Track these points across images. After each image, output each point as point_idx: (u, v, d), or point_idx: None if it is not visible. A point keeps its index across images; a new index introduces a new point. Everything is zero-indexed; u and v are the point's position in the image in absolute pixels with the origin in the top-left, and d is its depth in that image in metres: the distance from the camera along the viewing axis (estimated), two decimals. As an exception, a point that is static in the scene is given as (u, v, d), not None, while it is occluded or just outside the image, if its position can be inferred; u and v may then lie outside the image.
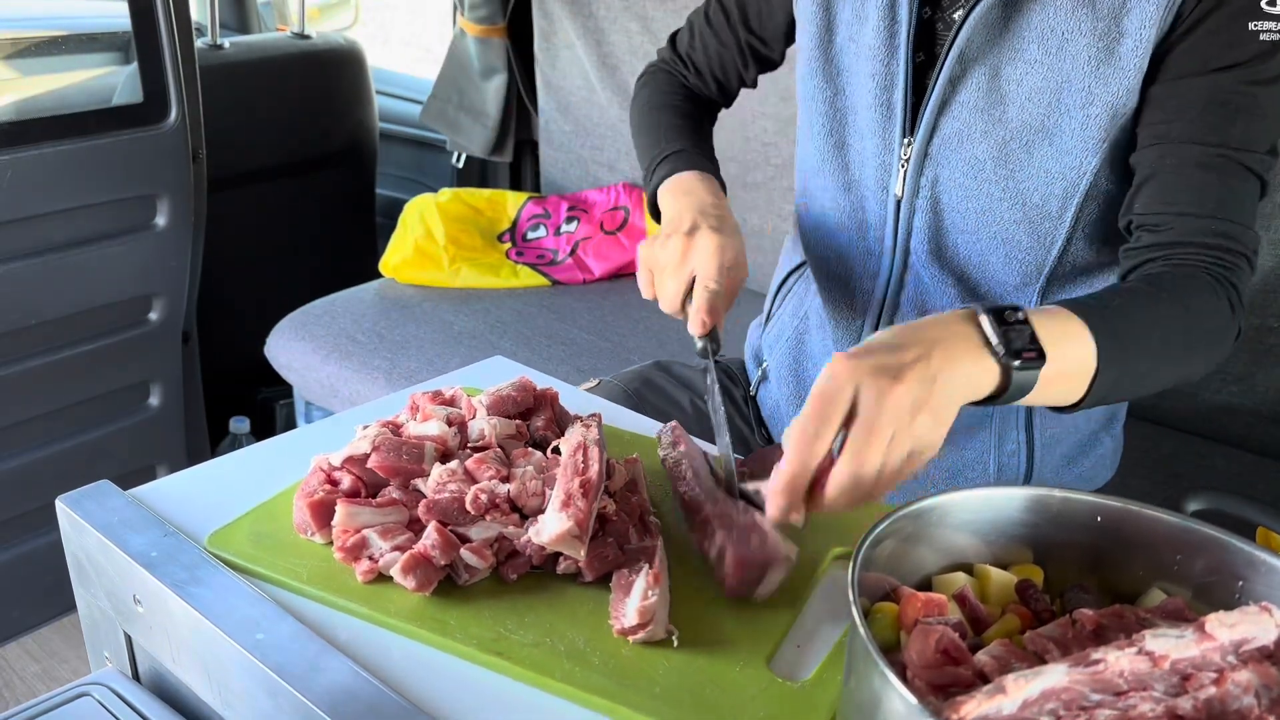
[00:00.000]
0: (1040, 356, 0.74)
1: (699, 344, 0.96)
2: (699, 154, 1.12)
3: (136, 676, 0.86)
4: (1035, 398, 0.77)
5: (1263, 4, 0.90)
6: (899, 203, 1.06)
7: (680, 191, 1.06)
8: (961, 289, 1.07)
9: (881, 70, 1.04)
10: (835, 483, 0.69)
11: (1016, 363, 0.73)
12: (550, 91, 2.46)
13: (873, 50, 1.04)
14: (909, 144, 1.04)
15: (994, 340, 0.73)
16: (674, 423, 0.92)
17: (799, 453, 0.68)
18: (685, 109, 1.21)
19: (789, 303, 1.26)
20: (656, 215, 1.10)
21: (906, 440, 0.69)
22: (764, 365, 1.28)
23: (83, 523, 0.80)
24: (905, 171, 1.05)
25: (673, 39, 1.29)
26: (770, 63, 1.24)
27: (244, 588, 0.74)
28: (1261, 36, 0.90)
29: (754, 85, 1.27)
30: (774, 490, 0.70)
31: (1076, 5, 0.93)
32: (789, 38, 1.20)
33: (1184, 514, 0.67)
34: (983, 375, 0.73)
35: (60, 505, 0.82)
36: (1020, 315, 0.75)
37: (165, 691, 0.84)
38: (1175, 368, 0.88)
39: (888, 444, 0.68)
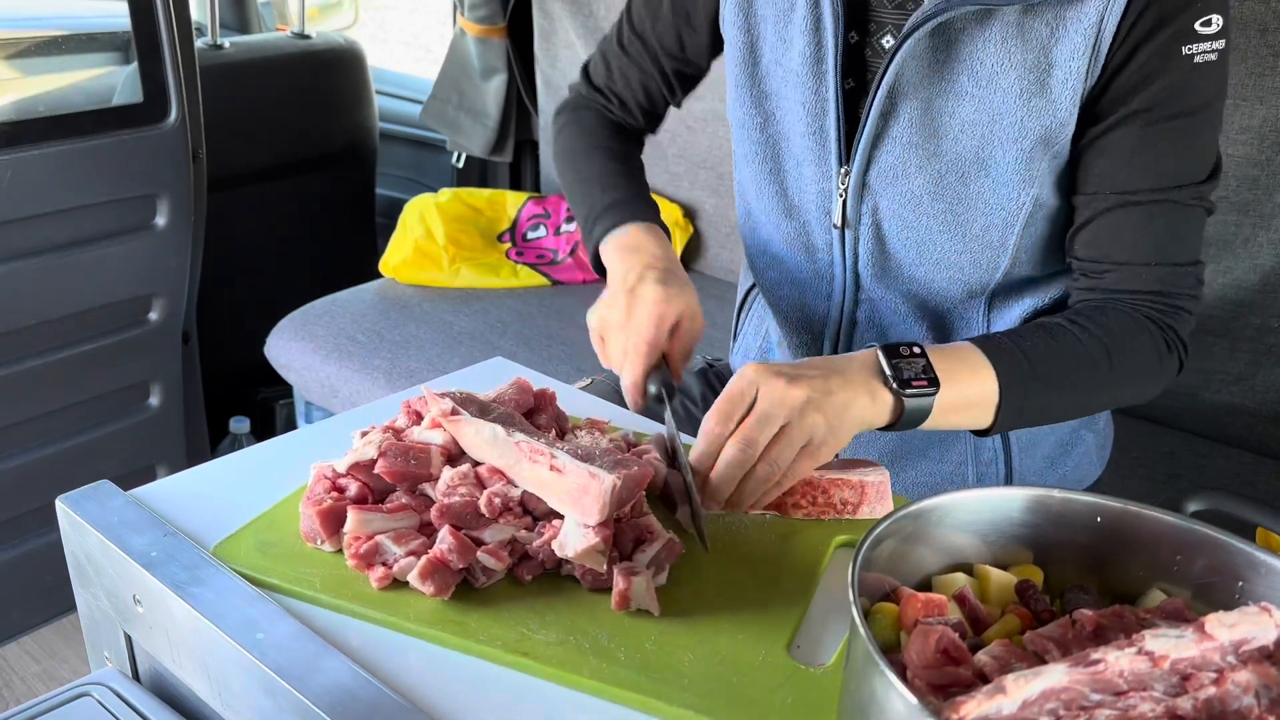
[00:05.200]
0: (933, 384, 0.84)
1: (651, 390, 0.93)
2: (640, 202, 1.07)
3: (136, 676, 0.86)
4: (939, 422, 0.87)
5: (1196, 25, 0.90)
6: (842, 230, 1.05)
7: (625, 248, 1.01)
8: (912, 306, 1.08)
9: (811, 98, 1.02)
10: (723, 457, 0.80)
11: (908, 391, 0.84)
12: (550, 91, 2.46)
13: (800, 76, 1.02)
14: (846, 173, 1.02)
15: (886, 371, 0.84)
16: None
17: (704, 440, 0.81)
18: (616, 149, 1.15)
19: (750, 322, 1.26)
20: (601, 271, 1.05)
21: (799, 433, 0.80)
22: None
23: (83, 523, 0.80)
24: (845, 199, 1.03)
25: (585, 72, 1.24)
26: (695, 80, 1.21)
27: (244, 588, 0.74)
28: (1196, 59, 0.90)
29: (679, 106, 1.23)
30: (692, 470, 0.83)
31: (1006, 37, 0.92)
32: (714, 50, 1.16)
33: (1184, 514, 0.67)
34: (875, 402, 0.84)
35: (60, 505, 0.82)
36: (916, 349, 0.86)
37: (165, 691, 0.84)
38: (1093, 400, 0.96)
39: (776, 430, 0.79)
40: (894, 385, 0.84)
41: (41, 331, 1.73)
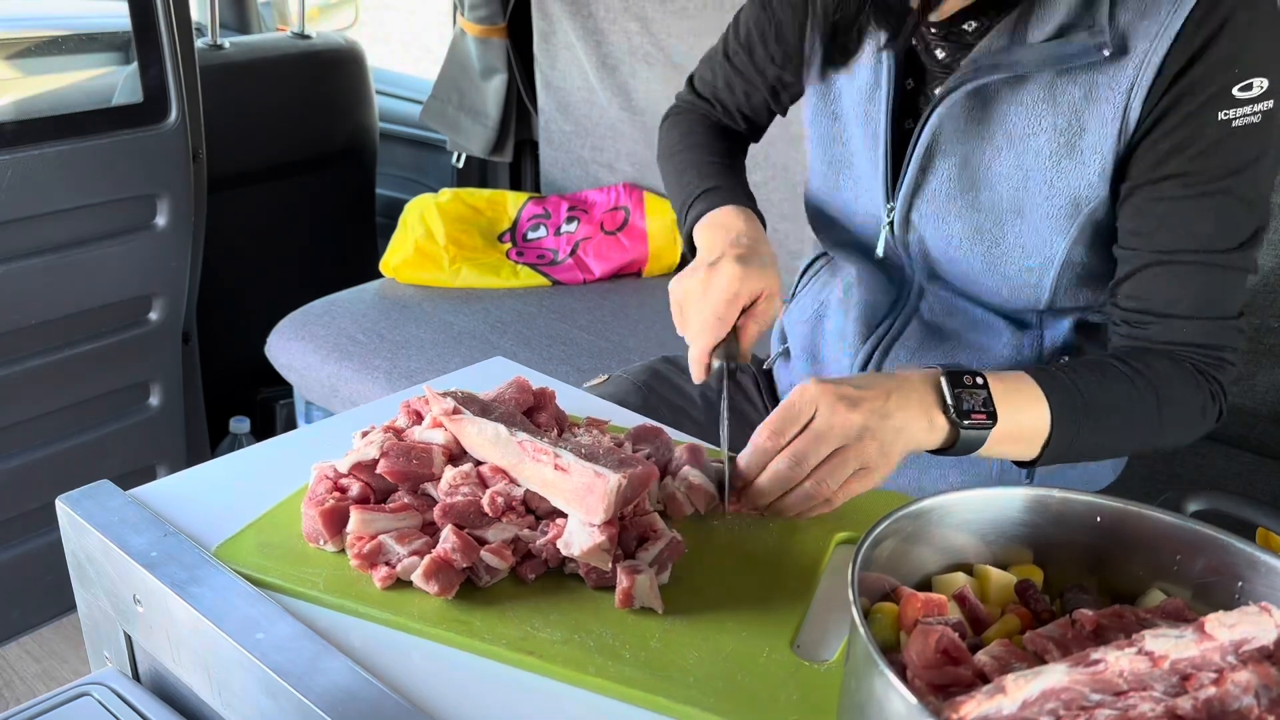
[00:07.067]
0: (991, 418, 0.84)
1: (715, 363, 0.93)
2: (735, 189, 1.10)
3: (136, 676, 0.86)
4: (989, 452, 0.87)
5: (1234, 90, 0.89)
6: (895, 245, 1.09)
7: (714, 225, 1.04)
8: (969, 304, 1.11)
9: (869, 131, 1.05)
10: (771, 468, 0.79)
11: (965, 423, 0.83)
12: (550, 91, 2.46)
13: (859, 109, 1.05)
14: (891, 208, 1.06)
15: (948, 400, 0.83)
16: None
17: (756, 447, 0.80)
18: (716, 146, 1.19)
19: (812, 286, 1.27)
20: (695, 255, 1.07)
21: (853, 458, 0.80)
22: (786, 344, 1.29)
23: (83, 523, 0.80)
24: (892, 226, 1.07)
25: (690, 82, 1.27)
26: (799, 91, 1.22)
27: (244, 587, 0.74)
28: (1234, 124, 0.89)
29: (784, 114, 1.25)
30: (732, 475, 0.82)
31: (1037, 100, 0.95)
32: None
33: (1184, 514, 0.67)
34: (932, 428, 0.83)
35: (60, 505, 0.82)
36: (979, 380, 0.84)
37: (165, 691, 0.84)
38: (1137, 442, 0.96)
39: (828, 452, 0.79)
40: (953, 415, 0.83)
41: (41, 331, 1.73)
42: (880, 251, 1.08)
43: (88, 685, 0.83)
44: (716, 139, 1.21)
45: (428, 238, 2.21)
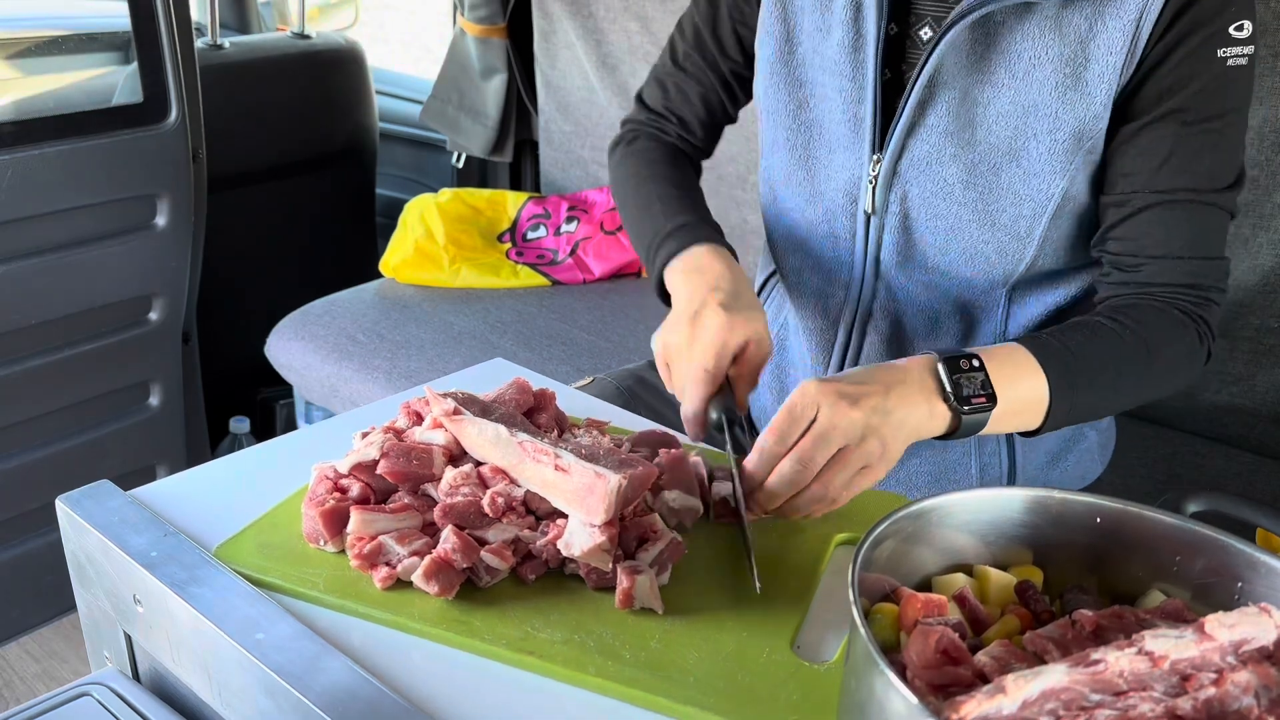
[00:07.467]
0: (991, 400, 0.84)
1: (713, 416, 0.90)
2: (703, 225, 1.05)
3: (136, 676, 0.86)
4: (992, 429, 0.87)
5: (1230, 29, 0.91)
6: (869, 217, 1.06)
7: (690, 270, 0.99)
8: (931, 295, 1.09)
9: (849, 86, 1.03)
10: (778, 471, 0.79)
11: (965, 409, 0.84)
12: (550, 91, 2.46)
13: (838, 65, 1.03)
14: (878, 161, 1.03)
15: (947, 388, 0.84)
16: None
17: (762, 451, 0.80)
18: (675, 177, 1.15)
19: (768, 309, 1.26)
20: (665, 298, 1.04)
21: (856, 457, 0.80)
22: None
23: (83, 523, 0.80)
24: (874, 187, 1.04)
25: (640, 99, 1.24)
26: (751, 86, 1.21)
27: (244, 587, 0.74)
28: (1229, 62, 0.92)
29: (735, 119, 1.24)
30: (742, 478, 0.82)
31: (1044, 30, 0.94)
32: None
33: (1184, 514, 0.67)
34: (933, 416, 0.84)
35: (60, 505, 0.82)
36: (975, 362, 0.84)
37: (165, 691, 0.84)
38: (1134, 396, 0.97)
39: (833, 452, 0.79)
40: (953, 403, 0.83)
41: (41, 331, 1.73)
42: (866, 206, 1.05)
43: (88, 685, 0.83)
44: (674, 168, 1.17)
45: (427, 238, 2.21)
